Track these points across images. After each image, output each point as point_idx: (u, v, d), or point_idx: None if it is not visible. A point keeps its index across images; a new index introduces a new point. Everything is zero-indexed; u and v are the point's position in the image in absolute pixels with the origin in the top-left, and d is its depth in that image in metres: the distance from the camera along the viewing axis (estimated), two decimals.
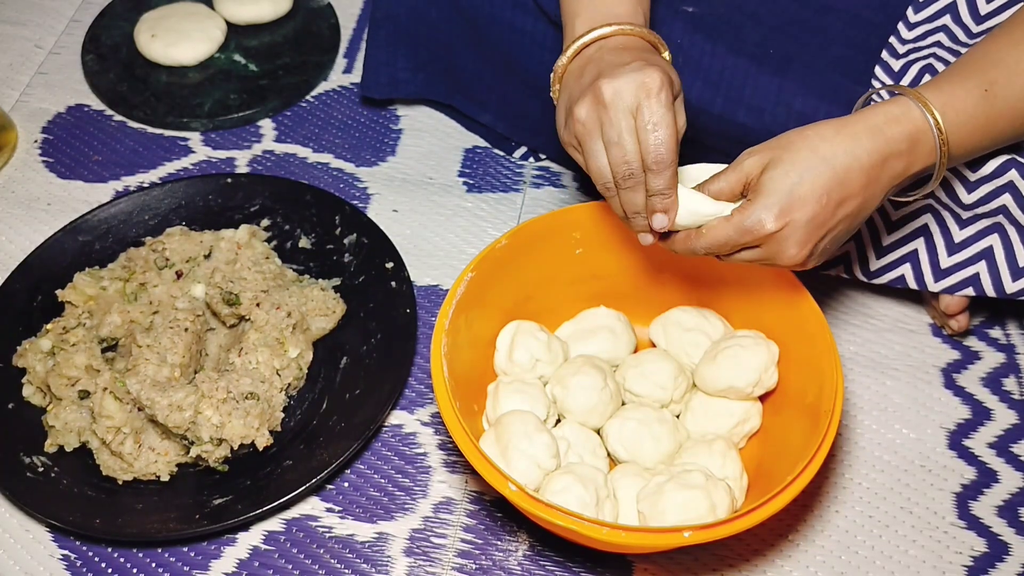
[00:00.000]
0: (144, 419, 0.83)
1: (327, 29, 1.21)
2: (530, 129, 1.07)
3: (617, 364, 0.87)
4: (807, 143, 0.70)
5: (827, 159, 0.69)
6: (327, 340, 0.92)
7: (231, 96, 1.14)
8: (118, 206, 1.00)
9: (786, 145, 0.70)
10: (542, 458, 0.76)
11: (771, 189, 0.69)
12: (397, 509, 0.84)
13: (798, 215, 0.68)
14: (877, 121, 0.70)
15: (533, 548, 0.82)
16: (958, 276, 0.86)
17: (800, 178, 0.68)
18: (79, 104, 1.16)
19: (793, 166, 0.69)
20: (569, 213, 0.85)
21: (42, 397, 0.88)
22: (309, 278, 0.96)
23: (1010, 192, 0.81)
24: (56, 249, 0.97)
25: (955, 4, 0.86)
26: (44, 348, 0.88)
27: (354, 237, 0.98)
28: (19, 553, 0.82)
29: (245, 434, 0.82)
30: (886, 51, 0.86)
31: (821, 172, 0.69)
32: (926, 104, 0.70)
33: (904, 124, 0.70)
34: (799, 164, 0.69)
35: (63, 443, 0.85)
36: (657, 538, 0.69)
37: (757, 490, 0.78)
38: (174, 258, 0.94)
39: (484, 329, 0.85)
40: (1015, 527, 0.83)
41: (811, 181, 0.68)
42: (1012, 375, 0.92)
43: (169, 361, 0.84)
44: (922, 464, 0.87)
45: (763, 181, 0.69)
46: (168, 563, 0.81)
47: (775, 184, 0.69)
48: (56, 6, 1.27)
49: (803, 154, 0.69)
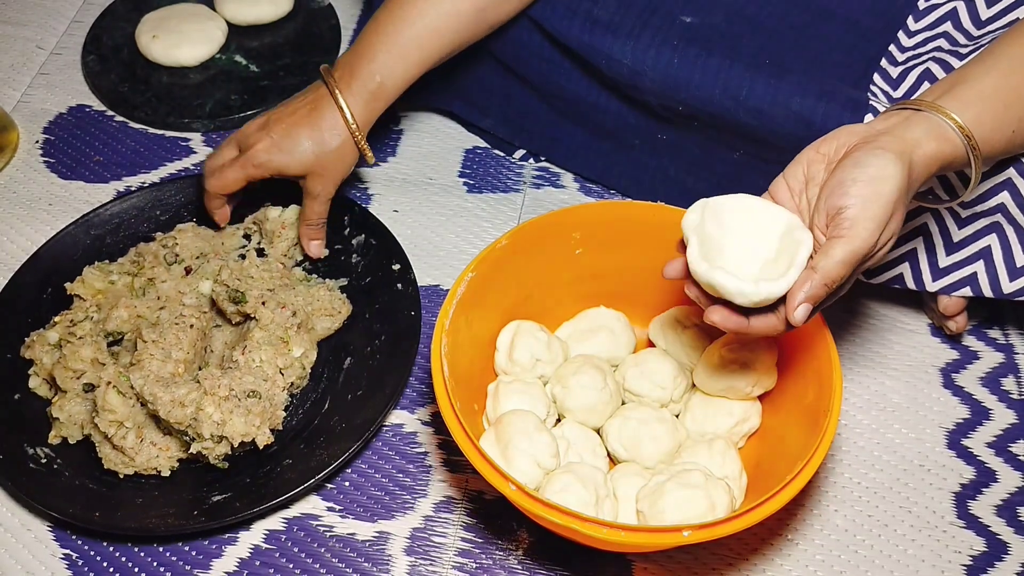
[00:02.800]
0: (147, 414, 0.83)
1: (328, 30, 1.22)
2: (531, 134, 1.07)
3: (617, 364, 0.87)
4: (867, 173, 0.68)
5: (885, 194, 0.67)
6: (332, 340, 0.93)
7: (232, 97, 1.14)
8: (130, 201, 1.01)
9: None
10: (542, 457, 0.76)
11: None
12: (398, 508, 0.84)
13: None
14: (917, 135, 0.69)
15: (533, 547, 0.82)
16: (956, 276, 0.86)
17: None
18: (80, 105, 1.16)
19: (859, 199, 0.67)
20: (569, 213, 0.85)
21: (48, 389, 0.89)
22: (316, 278, 0.96)
23: (1008, 190, 0.81)
24: (68, 242, 0.98)
25: (956, 11, 0.86)
26: (51, 340, 0.89)
27: (362, 238, 0.98)
28: (20, 552, 0.82)
29: (246, 432, 0.82)
30: (885, 59, 0.87)
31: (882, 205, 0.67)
32: (969, 136, 0.70)
33: (945, 147, 0.70)
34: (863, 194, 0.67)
35: (67, 435, 0.85)
36: (657, 537, 0.69)
37: (756, 489, 0.78)
38: (183, 254, 0.95)
39: (484, 329, 0.85)
40: (1014, 526, 0.83)
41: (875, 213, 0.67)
42: (1011, 375, 0.92)
43: (173, 357, 0.84)
44: (921, 464, 0.87)
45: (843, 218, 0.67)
46: (169, 562, 0.81)
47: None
48: (57, 7, 1.28)
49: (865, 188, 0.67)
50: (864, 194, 0.65)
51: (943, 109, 0.70)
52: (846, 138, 0.69)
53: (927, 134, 0.69)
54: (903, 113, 0.71)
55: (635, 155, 1.00)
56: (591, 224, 0.86)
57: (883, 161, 0.66)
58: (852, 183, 0.66)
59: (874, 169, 0.66)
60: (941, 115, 0.70)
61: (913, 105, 0.71)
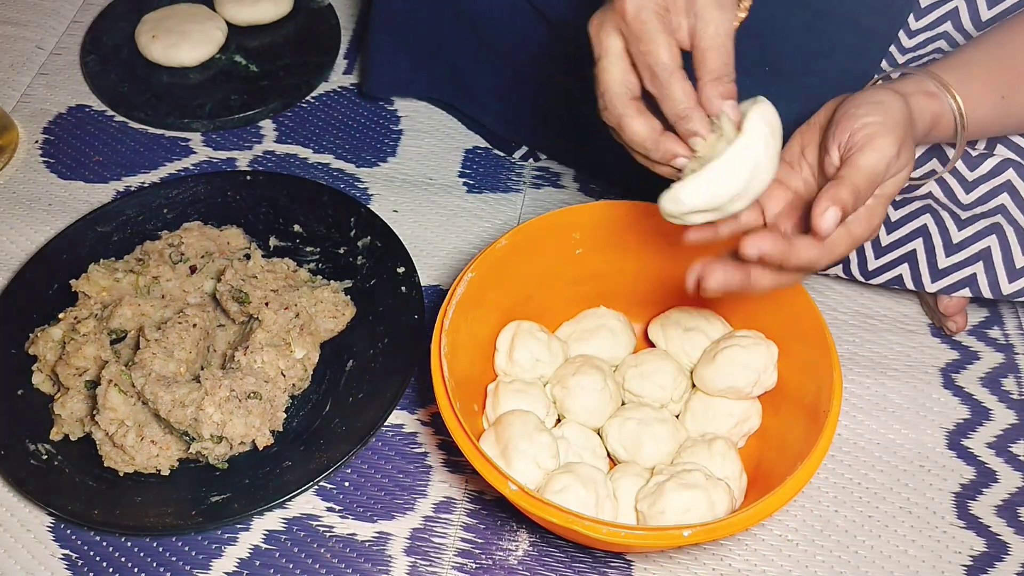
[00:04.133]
0: (148, 413, 0.83)
1: (328, 30, 1.22)
2: (531, 129, 1.07)
3: (617, 364, 0.87)
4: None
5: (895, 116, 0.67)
6: (334, 342, 0.92)
7: (232, 97, 1.14)
8: (137, 198, 1.01)
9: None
10: (542, 458, 0.76)
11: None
12: (398, 508, 0.84)
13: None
14: (908, 89, 0.70)
15: (533, 547, 0.82)
16: (955, 277, 0.86)
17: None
18: (80, 105, 1.16)
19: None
20: (569, 213, 0.85)
21: (51, 385, 0.89)
22: (321, 279, 0.96)
23: (1008, 192, 0.81)
24: (74, 239, 0.98)
25: (956, 10, 0.86)
26: (55, 337, 0.89)
27: (368, 240, 0.98)
28: (20, 552, 0.82)
29: (246, 433, 0.82)
30: (886, 60, 0.87)
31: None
32: (950, 90, 0.71)
33: (932, 102, 0.70)
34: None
35: (68, 432, 0.85)
36: (657, 538, 0.69)
37: (757, 489, 0.78)
38: (189, 253, 0.95)
39: (484, 329, 0.85)
40: (1014, 527, 0.83)
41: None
42: (1011, 375, 0.92)
43: (176, 356, 0.84)
44: (921, 464, 0.87)
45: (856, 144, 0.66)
46: (169, 562, 0.81)
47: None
48: (57, 7, 1.28)
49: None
50: (874, 113, 0.65)
51: (932, 72, 0.71)
52: (833, 103, 0.70)
53: (914, 88, 0.70)
54: (889, 79, 0.73)
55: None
56: (591, 224, 0.86)
57: (882, 94, 0.67)
58: (856, 108, 0.66)
59: (876, 98, 0.66)
60: (930, 77, 0.71)
61: (902, 69, 0.73)
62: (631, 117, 0.67)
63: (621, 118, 0.67)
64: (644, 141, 0.67)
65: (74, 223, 0.99)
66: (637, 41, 0.65)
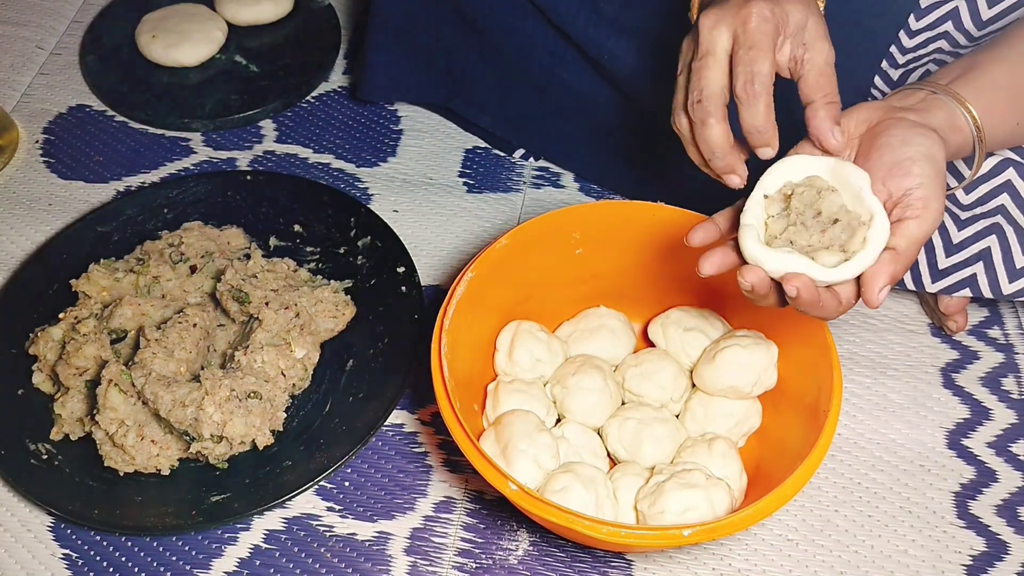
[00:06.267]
0: (148, 412, 0.83)
1: (328, 30, 1.22)
2: (529, 131, 1.07)
3: (617, 364, 0.87)
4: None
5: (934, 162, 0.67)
6: (334, 342, 0.92)
7: (232, 97, 1.14)
8: (137, 198, 1.01)
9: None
10: (542, 458, 0.76)
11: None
12: (398, 508, 0.84)
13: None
14: (940, 122, 0.69)
15: (533, 547, 0.82)
16: (956, 277, 0.86)
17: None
18: (80, 105, 1.16)
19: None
20: (569, 213, 0.85)
21: (51, 385, 0.89)
22: (321, 279, 0.96)
23: (1007, 192, 0.81)
24: (75, 239, 0.98)
25: (957, 10, 0.86)
26: (56, 337, 0.89)
27: (368, 240, 0.98)
28: (20, 552, 0.82)
29: (246, 433, 0.82)
30: (886, 61, 0.87)
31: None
32: (975, 121, 0.70)
33: (958, 136, 0.70)
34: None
35: (68, 432, 0.85)
36: (657, 537, 0.69)
37: (757, 489, 0.78)
38: (189, 253, 0.95)
39: (484, 329, 0.85)
40: (1014, 526, 0.83)
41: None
42: (1011, 375, 0.92)
43: (176, 356, 0.84)
44: (921, 464, 0.87)
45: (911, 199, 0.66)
46: (169, 561, 0.81)
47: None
48: (57, 7, 1.28)
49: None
50: (928, 173, 0.65)
51: (959, 96, 0.70)
52: (867, 113, 0.69)
53: (946, 121, 0.69)
54: (918, 94, 0.71)
55: (635, 154, 1.00)
56: (591, 224, 0.86)
57: (930, 141, 0.66)
58: (912, 163, 0.66)
59: (925, 148, 0.66)
60: (957, 102, 0.70)
61: (928, 86, 0.71)
62: (717, 120, 0.70)
63: (709, 116, 0.70)
64: (719, 146, 0.70)
65: (74, 223, 0.99)
66: (748, 47, 0.68)
